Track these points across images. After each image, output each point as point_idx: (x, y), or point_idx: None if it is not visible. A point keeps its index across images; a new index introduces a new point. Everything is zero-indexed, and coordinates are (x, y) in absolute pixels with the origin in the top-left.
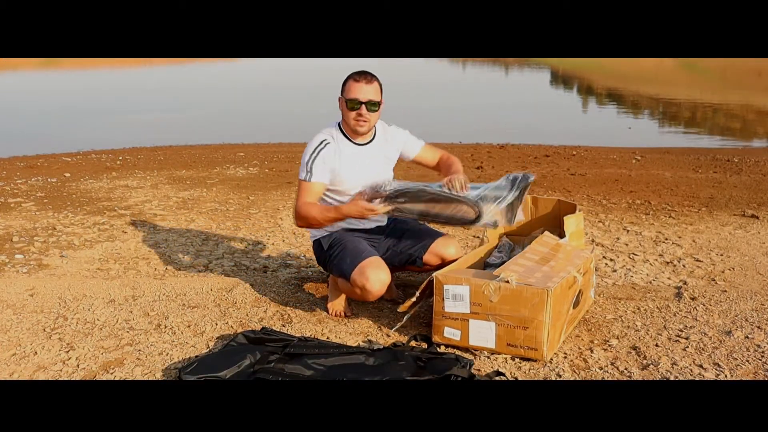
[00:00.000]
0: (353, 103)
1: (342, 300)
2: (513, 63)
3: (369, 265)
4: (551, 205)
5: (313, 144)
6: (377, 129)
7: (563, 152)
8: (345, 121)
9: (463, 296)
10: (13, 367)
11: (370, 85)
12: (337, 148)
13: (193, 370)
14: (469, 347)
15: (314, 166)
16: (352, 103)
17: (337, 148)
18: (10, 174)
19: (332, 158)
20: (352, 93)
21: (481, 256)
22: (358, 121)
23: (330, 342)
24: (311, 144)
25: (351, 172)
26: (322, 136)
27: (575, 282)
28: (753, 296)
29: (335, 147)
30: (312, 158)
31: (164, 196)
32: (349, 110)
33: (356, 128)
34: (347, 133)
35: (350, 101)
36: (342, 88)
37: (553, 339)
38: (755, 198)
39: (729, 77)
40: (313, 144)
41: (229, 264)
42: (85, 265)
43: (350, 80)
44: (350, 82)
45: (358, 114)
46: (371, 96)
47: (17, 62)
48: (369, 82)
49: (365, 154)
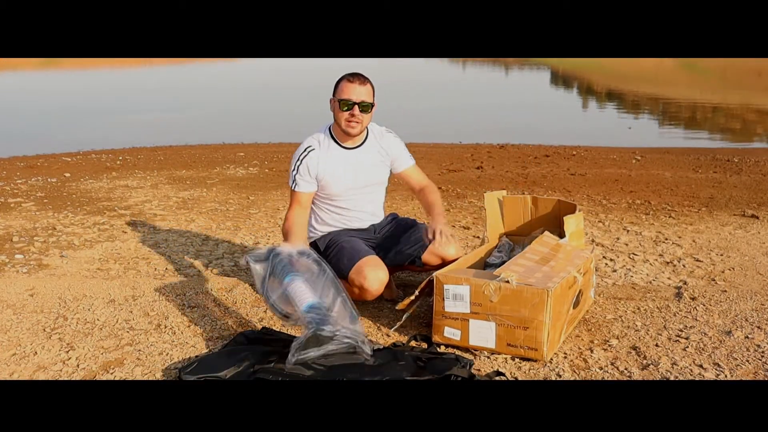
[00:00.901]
0: (346, 103)
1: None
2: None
3: (366, 264)
4: (551, 205)
5: (299, 152)
6: (369, 133)
7: (563, 152)
8: (336, 122)
9: (464, 296)
10: (13, 367)
11: (363, 86)
12: (322, 154)
13: (193, 370)
14: (469, 347)
15: (298, 176)
16: (344, 104)
17: (321, 153)
18: (10, 174)
19: (316, 165)
20: (345, 93)
21: (481, 257)
22: (350, 122)
23: None
24: (297, 151)
25: (337, 179)
26: (307, 142)
27: (575, 282)
28: (753, 296)
29: (319, 153)
30: (296, 167)
31: (164, 196)
32: (342, 111)
33: (348, 129)
34: (336, 136)
35: (343, 101)
36: (334, 89)
37: (554, 339)
38: (755, 198)
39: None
40: (298, 152)
41: (229, 264)
42: (85, 265)
43: (343, 81)
44: (343, 83)
45: (351, 114)
46: (364, 97)
47: (17, 62)
48: (362, 83)
49: (354, 158)
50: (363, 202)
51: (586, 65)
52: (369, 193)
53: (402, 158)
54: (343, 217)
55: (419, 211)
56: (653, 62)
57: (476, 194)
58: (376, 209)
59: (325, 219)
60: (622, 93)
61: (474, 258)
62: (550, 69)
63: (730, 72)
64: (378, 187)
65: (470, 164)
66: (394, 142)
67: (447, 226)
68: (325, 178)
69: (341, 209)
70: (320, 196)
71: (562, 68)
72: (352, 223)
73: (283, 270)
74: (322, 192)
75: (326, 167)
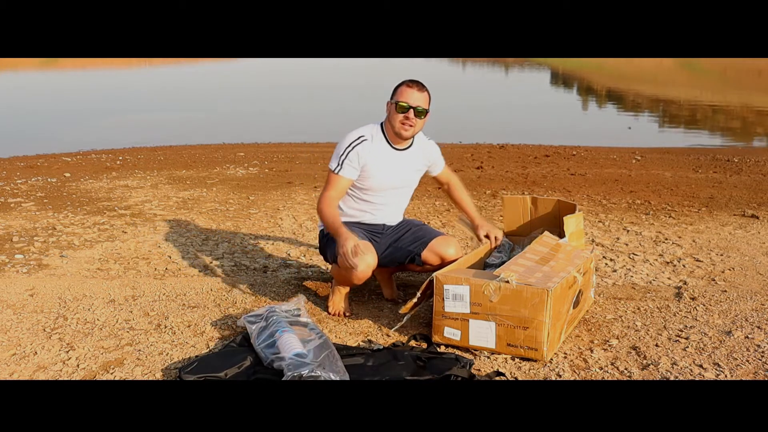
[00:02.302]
0: (402, 107)
1: (343, 299)
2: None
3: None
4: (551, 205)
5: (351, 137)
6: (415, 139)
7: (563, 152)
8: (390, 123)
9: (463, 296)
10: (13, 367)
11: (420, 93)
12: (374, 147)
13: (193, 369)
14: (469, 347)
15: (346, 161)
16: (401, 107)
17: (373, 146)
18: (10, 174)
19: (366, 155)
20: (403, 96)
21: (481, 257)
22: (404, 124)
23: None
24: (349, 137)
25: (380, 173)
26: (361, 131)
27: (575, 282)
28: (753, 296)
29: (371, 145)
30: (346, 152)
31: (164, 196)
32: (398, 113)
33: (401, 131)
34: (388, 136)
35: (400, 104)
36: (393, 92)
37: (553, 339)
38: (755, 198)
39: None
40: (350, 137)
41: (229, 264)
42: (85, 265)
43: (403, 85)
44: (403, 87)
45: (405, 117)
46: (420, 102)
47: (17, 62)
48: (420, 90)
49: (399, 160)
50: (391, 201)
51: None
52: (400, 195)
53: (439, 162)
54: (364, 211)
55: (424, 210)
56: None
57: (476, 194)
58: (397, 211)
59: (344, 209)
60: (622, 93)
61: (474, 258)
62: (550, 69)
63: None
64: (408, 190)
65: (470, 164)
66: (435, 149)
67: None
68: (371, 170)
69: (367, 203)
70: (351, 189)
71: (562, 68)
72: (366, 218)
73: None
74: (358, 182)
75: (375, 160)
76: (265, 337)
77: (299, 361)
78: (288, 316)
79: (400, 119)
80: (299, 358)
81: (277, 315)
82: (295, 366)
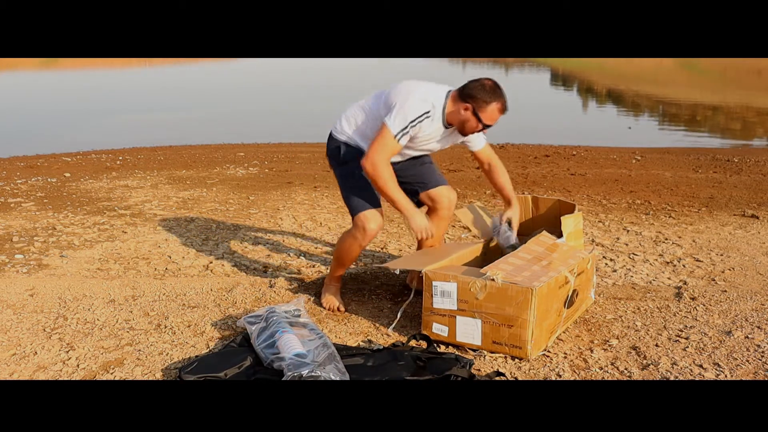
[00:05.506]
0: (486, 126)
1: (335, 295)
2: (513, 63)
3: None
4: (551, 205)
5: (420, 108)
6: None
7: (563, 152)
8: (461, 121)
9: (451, 293)
10: (13, 367)
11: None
12: (432, 124)
13: (193, 369)
14: (457, 344)
15: (408, 132)
16: (485, 126)
17: (432, 123)
18: (10, 174)
19: (423, 130)
20: (491, 120)
21: (476, 255)
22: (473, 133)
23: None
24: (414, 107)
25: (422, 144)
26: (427, 105)
27: (567, 282)
28: (753, 296)
29: (431, 122)
30: (411, 124)
31: (164, 196)
32: (478, 127)
33: (465, 132)
34: (447, 118)
35: (486, 124)
36: (480, 101)
37: (539, 338)
38: (755, 198)
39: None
40: (419, 107)
41: (229, 264)
42: (85, 265)
43: (497, 105)
44: (496, 109)
45: (481, 132)
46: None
47: (17, 62)
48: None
49: (445, 135)
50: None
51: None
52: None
53: (477, 139)
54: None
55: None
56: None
57: (476, 194)
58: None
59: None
60: (622, 93)
61: (470, 255)
62: (550, 69)
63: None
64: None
65: (470, 164)
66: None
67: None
68: (421, 139)
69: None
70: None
71: (562, 68)
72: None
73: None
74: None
75: (427, 133)
76: (265, 338)
77: (299, 361)
78: (288, 317)
79: (476, 131)
80: (299, 358)
81: (277, 315)
82: (295, 366)
